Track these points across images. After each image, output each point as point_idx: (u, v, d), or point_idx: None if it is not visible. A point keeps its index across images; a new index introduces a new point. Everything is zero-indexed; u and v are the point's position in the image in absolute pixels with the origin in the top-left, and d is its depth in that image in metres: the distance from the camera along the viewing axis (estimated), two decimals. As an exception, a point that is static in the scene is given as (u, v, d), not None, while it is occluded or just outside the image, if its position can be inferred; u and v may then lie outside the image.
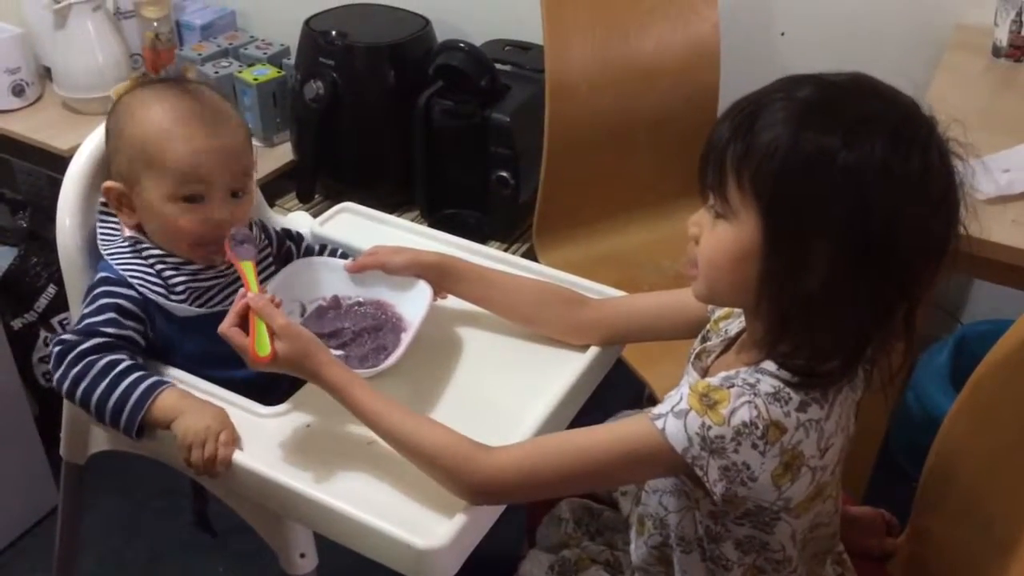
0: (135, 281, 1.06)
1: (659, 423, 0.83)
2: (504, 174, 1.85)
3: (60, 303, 1.84)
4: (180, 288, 1.07)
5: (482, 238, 1.83)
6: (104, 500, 1.76)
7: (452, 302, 1.14)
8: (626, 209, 1.81)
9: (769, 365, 0.82)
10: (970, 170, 0.80)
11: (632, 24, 1.73)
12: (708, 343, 0.97)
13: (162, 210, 1.05)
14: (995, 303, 1.87)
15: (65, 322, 1.85)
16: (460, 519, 0.89)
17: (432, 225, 1.76)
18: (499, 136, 1.83)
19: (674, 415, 0.82)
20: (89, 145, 1.15)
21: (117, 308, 1.04)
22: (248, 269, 1.01)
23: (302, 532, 1.00)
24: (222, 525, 1.72)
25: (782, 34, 1.89)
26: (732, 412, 0.80)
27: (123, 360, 1.01)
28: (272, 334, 0.93)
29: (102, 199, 1.11)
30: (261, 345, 0.93)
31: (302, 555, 1.01)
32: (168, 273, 1.07)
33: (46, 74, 2.19)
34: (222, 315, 0.97)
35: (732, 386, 0.82)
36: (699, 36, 1.75)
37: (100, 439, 1.15)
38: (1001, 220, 1.23)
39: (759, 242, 0.80)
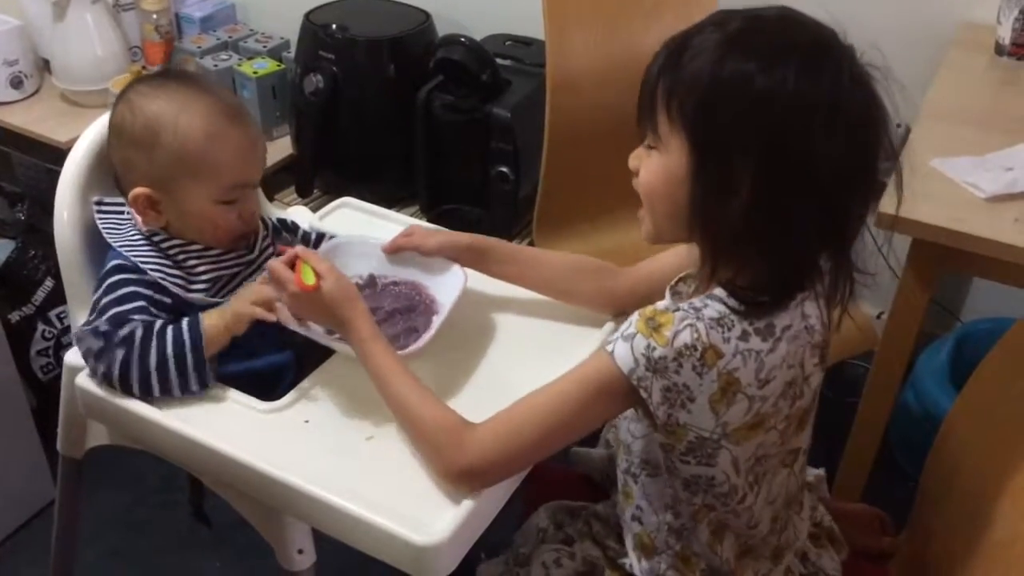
0: (154, 273, 1.05)
1: (609, 347, 0.86)
2: (504, 169, 1.85)
3: (58, 296, 1.83)
4: (204, 276, 1.08)
5: (482, 233, 1.82)
6: (102, 494, 1.76)
7: (474, 286, 1.15)
8: (626, 204, 1.78)
9: (719, 292, 0.85)
10: (891, 98, 0.84)
11: (633, 19, 1.72)
12: (692, 270, 0.97)
13: (207, 212, 1.06)
14: (996, 301, 1.87)
15: (63, 315, 1.85)
16: (459, 515, 0.89)
17: (432, 220, 1.76)
18: (500, 131, 1.82)
19: (623, 339, 0.86)
20: (87, 138, 1.15)
21: (143, 297, 1.04)
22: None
23: (300, 528, 1.00)
24: (220, 520, 1.72)
25: (784, 30, 1.88)
26: (675, 334, 0.83)
27: (152, 322, 1.02)
28: (318, 276, 0.98)
29: (96, 199, 1.11)
30: (306, 275, 0.98)
31: (300, 551, 1.01)
32: (191, 262, 1.08)
33: (45, 66, 2.18)
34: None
35: (677, 310, 0.85)
36: (701, 32, 1.74)
37: (97, 433, 1.15)
38: (1003, 219, 1.22)
39: (688, 168, 0.83)
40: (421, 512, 0.89)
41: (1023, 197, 1.26)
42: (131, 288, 1.04)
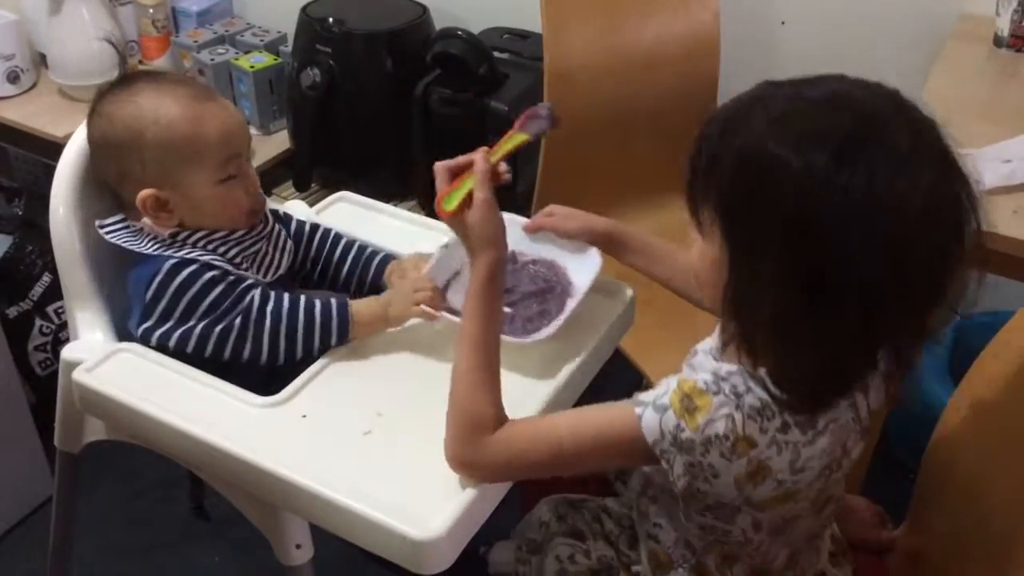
0: (203, 258, 1.06)
1: (639, 410, 0.84)
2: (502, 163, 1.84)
3: (55, 292, 1.83)
4: (238, 259, 1.09)
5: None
6: (101, 489, 1.76)
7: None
8: (625, 198, 1.80)
9: (763, 374, 0.81)
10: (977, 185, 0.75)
11: (632, 12, 1.72)
12: None
13: (213, 195, 1.07)
14: (994, 294, 1.86)
15: (60, 311, 1.84)
16: (456, 510, 0.89)
17: (430, 215, 1.75)
18: (497, 125, 1.82)
19: (654, 408, 0.83)
20: (83, 133, 1.14)
21: (222, 274, 1.05)
22: (513, 141, 1.00)
23: (298, 523, 1.00)
24: (217, 515, 1.73)
25: (782, 23, 1.88)
26: (708, 423, 0.80)
27: (291, 295, 1.05)
28: (469, 201, 0.93)
29: (98, 223, 1.10)
30: (451, 200, 0.93)
31: (298, 546, 1.01)
32: (223, 249, 1.09)
33: (41, 61, 2.17)
34: (278, 281, 1.06)
35: (718, 392, 0.81)
36: (699, 24, 1.74)
37: (95, 429, 1.15)
38: (1002, 211, 1.22)
39: (725, 258, 0.79)
40: (419, 507, 0.89)
41: (1021, 189, 1.26)
42: (208, 274, 1.04)
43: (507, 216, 1.17)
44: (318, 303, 1.05)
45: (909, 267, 0.74)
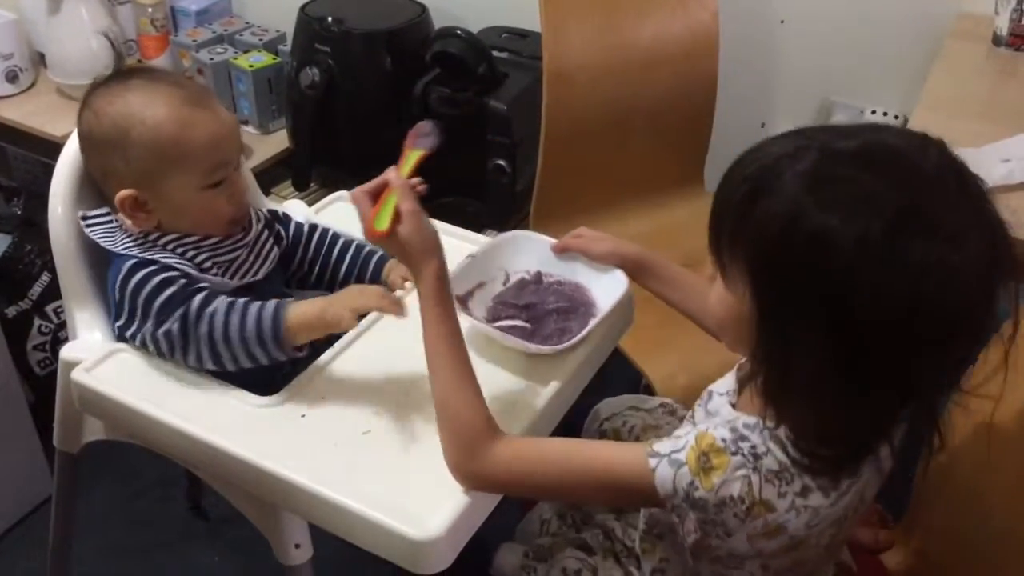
0: (166, 260, 1.05)
1: (653, 462, 0.82)
2: (501, 162, 1.84)
3: (54, 291, 1.83)
4: (208, 265, 1.08)
5: (479, 227, 1.82)
6: (99, 489, 1.76)
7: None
8: (623, 197, 1.80)
9: (783, 435, 0.79)
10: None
11: (630, 11, 1.72)
12: None
13: (197, 201, 1.06)
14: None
15: (59, 310, 1.84)
16: (455, 510, 0.89)
17: (429, 213, 1.75)
18: (496, 124, 1.82)
19: (669, 462, 0.81)
20: (82, 132, 1.14)
21: (177, 276, 1.03)
22: (413, 157, 1.00)
23: (297, 522, 1.00)
24: (217, 514, 1.72)
25: (781, 22, 1.87)
26: (723, 483, 0.78)
27: (232, 299, 1.02)
28: (398, 217, 0.91)
29: (81, 214, 1.10)
30: (380, 219, 0.91)
31: (297, 545, 1.01)
32: (191, 253, 1.07)
33: (40, 60, 2.17)
34: (252, 286, 1.02)
35: (736, 453, 0.79)
36: (698, 24, 1.74)
37: (94, 428, 1.14)
38: (1001, 210, 1.22)
39: (752, 314, 0.77)
40: (418, 507, 0.89)
41: (1020, 188, 1.26)
42: (162, 275, 1.03)
43: (534, 235, 1.20)
44: (254, 307, 1.00)
45: (958, 336, 0.73)
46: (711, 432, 0.81)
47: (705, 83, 1.74)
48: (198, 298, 1.01)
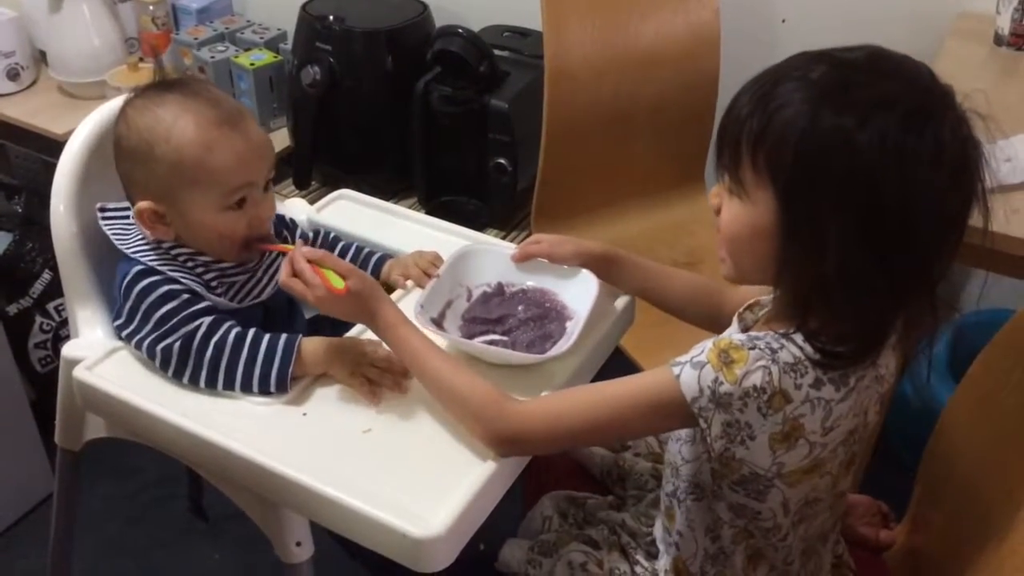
0: (173, 274, 1.05)
1: (676, 370, 0.85)
2: (502, 161, 1.84)
3: (56, 289, 1.83)
4: (215, 284, 1.08)
5: (480, 225, 1.82)
6: (101, 486, 1.76)
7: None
8: (624, 196, 1.81)
9: (797, 336, 0.83)
10: (989, 146, 0.82)
11: (632, 10, 1.72)
12: (762, 298, 0.97)
13: (214, 222, 1.05)
14: (994, 293, 1.87)
15: (61, 308, 1.85)
16: (457, 508, 0.89)
17: (430, 212, 1.76)
18: (498, 123, 1.82)
19: (692, 365, 0.84)
20: (84, 130, 1.14)
21: (181, 290, 1.04)
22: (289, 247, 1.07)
23: (298, 521, 1.00)
24: (218, 512, 1.73)
25: (783, 21, 1.88)
26: (746, 374, 0.82)
27: (244, 329, 1.03)
28: (344, 277, 0.98)
29: (99, 205, 1.10)
30: (336, 281, 0.98)
31: (298, 543, 1.01)
32: (200, 270, 1.07)
33: (41, 58, 2.18)
34: (255, 308, 1.04)
35: (754, 347, 0.83)
36: (699, 22, 1.74)
37: (95, 426, 1.15)
38: (1001, 209, 1.22)
39: (775, 224, 0.81)
40: (419, 505, 0.89)
41: (1021, 188, 1.26)
42: (166, 287, 1.03)
43: (493, 246, 1.19)
44: (264, 344, 1.01)
45: (956, 224, 0.81)
46: (727, 336, 0.86)
47: (706, 82, 1.74)
48: (205, 322, 1.02)
